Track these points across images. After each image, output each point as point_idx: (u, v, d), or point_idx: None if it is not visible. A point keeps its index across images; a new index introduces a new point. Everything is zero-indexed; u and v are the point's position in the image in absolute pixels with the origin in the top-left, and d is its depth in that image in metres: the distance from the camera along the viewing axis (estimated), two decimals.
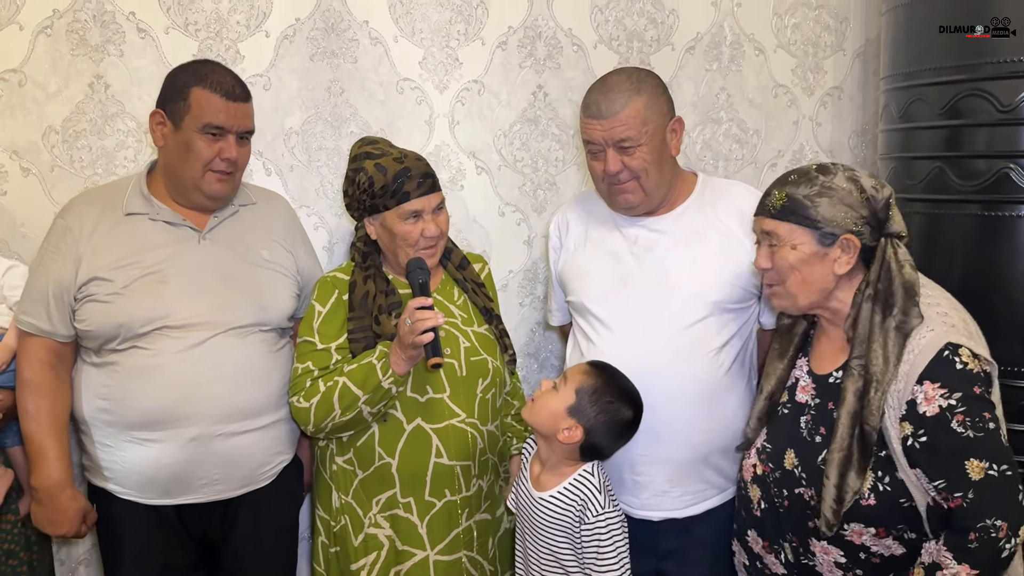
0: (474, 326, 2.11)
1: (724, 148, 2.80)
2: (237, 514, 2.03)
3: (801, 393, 1.72)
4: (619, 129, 1.85)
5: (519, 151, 2.66)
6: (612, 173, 1.89)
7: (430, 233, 2.01)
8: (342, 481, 2.04)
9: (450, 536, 2.01)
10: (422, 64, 2.55)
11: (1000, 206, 2.05)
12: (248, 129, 2.00)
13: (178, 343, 1.90)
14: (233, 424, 1.94)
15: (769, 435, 1.75)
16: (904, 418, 1.52)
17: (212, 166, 1.95)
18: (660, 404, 1.89)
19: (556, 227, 2.16)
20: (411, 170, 2.01)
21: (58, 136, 2.36)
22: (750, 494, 1.77)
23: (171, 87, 1.95)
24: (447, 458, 1.98)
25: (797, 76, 2.81)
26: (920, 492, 1.54)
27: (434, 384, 2.00)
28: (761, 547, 1.76)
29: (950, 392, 1.49)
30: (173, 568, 2.01)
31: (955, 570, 1.47)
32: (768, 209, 1.66)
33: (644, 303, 1.93)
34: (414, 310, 1.83)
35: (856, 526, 1.58)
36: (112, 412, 1.93)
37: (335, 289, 2.07)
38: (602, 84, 1.90)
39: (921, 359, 1.52)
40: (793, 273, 1.63)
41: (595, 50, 2.65)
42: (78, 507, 1.97)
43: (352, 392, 1.90)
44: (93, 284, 1.91)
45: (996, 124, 2.03)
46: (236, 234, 2.06)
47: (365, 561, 2.01)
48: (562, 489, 1.84)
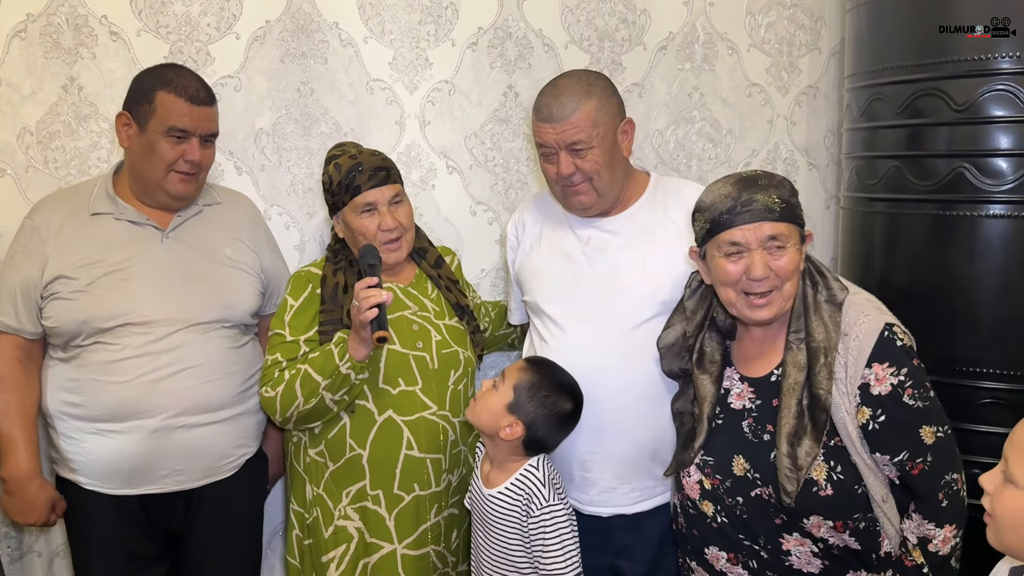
0: (446, 319, 2.15)
1: (697, 147, 2.80)
2: (200, 505, 2.07)
3: (736, 400, 1.72)
4: (570, 132, 1.86)
5: (490, 151, 2.68)
6: (565, 175, 1.90)
7: (386, 225, 2.05)
8: (314, 473, 2.08)
9: (418, 531, 2.04)
10: (392, 65, 2.57)
11: (956, 205, 2.04)
12: (212, 132, 2.05)
13: (141, 339, 1.95)
14: (194, 416, 1.99)
15: (707, 449, 1.74)
16: (861, 403, 1.58)
17: (176, 167, 2.00)
18: (609, 402, 1.90)
19: (513, 227, 2.18)
20: (362, 164, 2.05)
21: (33, 137, 2.40)
22: (703, 510, 1.75)
23: (137, 90, 2.00)
24: (417, 450, 2.01)
25: (771, 75, 2.81)
26: (874, 475, 1.59)
27: (406, 377, 2.03)
28: (725, 561, 1.74)
29: (898, 369, 1.56)
30: (138, 557, 2.06)
31: (941, 535, 1.57)
32: (768, 213, 1.59)
33: (595, 303, 1.95)
34: (361, 290, 1.87)
35: (815, 518, 1.60)
36: (77, 406, 1.98)
37: (308, 283, 2.11)
38: (553, 88, 1.92)
39: (867, 343, 1.58)
40: (795, 274, 1.63)
41: (566, 50, 2.66)
42: (46, 497, 2.04)
43: (313, 379, 1.93)
44: (58, 282, 1.97)
45: (952, 123, 2.03)
46: (200, 233, 2.10)
47: (335, 553, 2.04)
48: (509, 485, 1.86)
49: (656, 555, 1.99)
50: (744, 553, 1.71)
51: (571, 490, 1.98)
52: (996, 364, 2.02)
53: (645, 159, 2.76)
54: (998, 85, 1.97)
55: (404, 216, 2.10)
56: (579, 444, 1.92)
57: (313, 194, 2.57)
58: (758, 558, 1.69)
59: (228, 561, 2.15)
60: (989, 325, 2.02)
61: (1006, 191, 1.99)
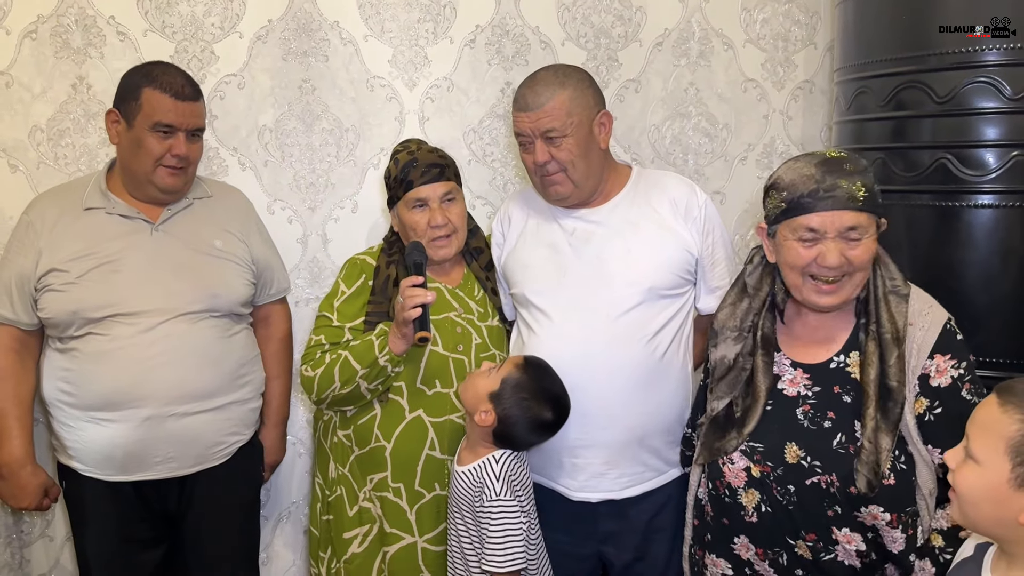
0: (488, 320, 2.18)
1: (693, 142, 2.84)
2: (193, 491, 2.14)
3: (790, 387, 1.70)
4: (544, 120, 1.92)
5: (489, 146, 2.73)
6: (540, 164, 1.95)
7: (436, 222, 2.08)
8: (340, 453, 2.13)
9: (438, 528, 2.08)
10: (392, 62, 2.63)
11: (940, 196, 2.06)
12: (198, 127, 2.11)
13: (131, 329, 2.01)
14: (185, 405, 2.04)
15: (754, 436, 1.70)
16: (919, 394, 1.58)
17: (163, 162, 2.05)
18: (596, 389, 1.94)
19: (498, 223, 2.22)
20: (417, 160, 2.10)
21: (43, 134, 2.49)
22: (742, 500, 1.71)
23: (124, 87, 2.07)
24: (439, 452, 2.05)
25: (767, 70, 2.84)
26: (927, 469, 1.59)
27: (443, 379, 2.07)
28: (754, 554, 1.72)
29: (958, 362, 1.58)
30: (134, 541, 2.12)
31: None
32: (851, 202, 1.55)
33: (581, 292, 1.99)
34: (406, 288, 1.92)
35: (875, 508, 1.58)
36: (71, 394, 2.05)
37: (362, 273, 2.16)
38: (531, 79, 1.98)
39: (931, 333, 1.59)
40: (868, 263, 1.60)
41: (563, 47, 2.71)
42: (38, 483, 2.12)
43: (351, 366, 1.99)
44: (51, 275, 2.04)
45: (935, 115, 2.05)
46: (189, 225, 2.16)
47: (359, 531, 2.09)
48: (471, 468, 1.90)
49: (641, 542, 2.02)
50: (776, 549, 1.68)
51: (560, 477, 2.02)
52: (979, 352, 2.03)
53: (642, 154, 2.80)
54: (980, 77, 1.99)
55: (455, 215, 2.12)
56: (568, 431, 1.95)
57: (315, 189, 2.64)
58: (791, 554, 1.66)
59: (223, 546, 2.22)
60: (972, 314, 2.03)
61: (988, 181, 2.01)
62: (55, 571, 2.66)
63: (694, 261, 2.02)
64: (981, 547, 1.38)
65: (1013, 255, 2.02)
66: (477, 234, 2.28)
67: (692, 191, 2.06)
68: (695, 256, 2.02)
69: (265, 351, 2.29)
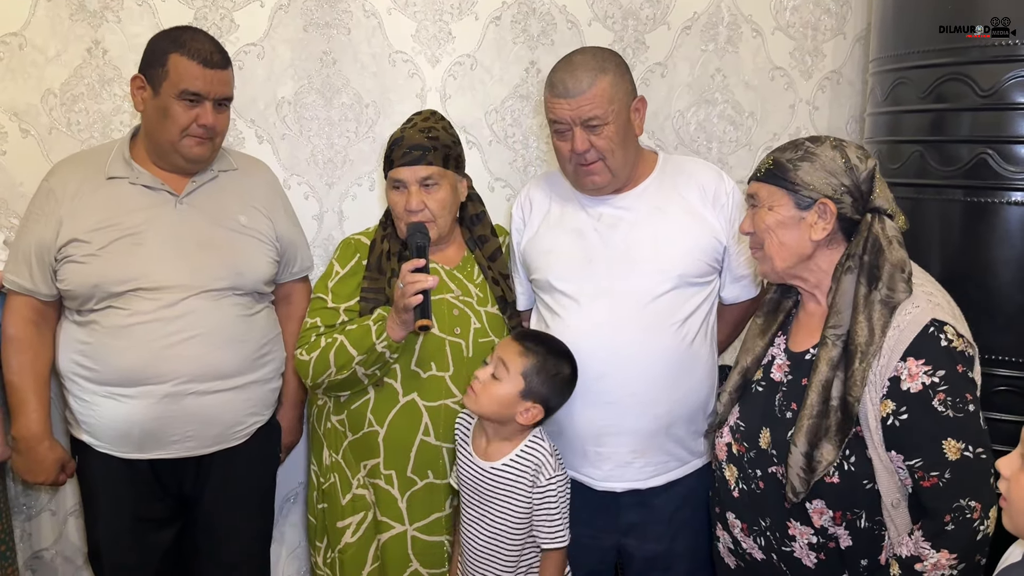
0: (487, 306, 2.12)
1: (718, 130, 2.79)
2: (210, 471, 2.09)
3: (776, 371, 1.72)
4: (586, 108, 1.86)
5: (511, 127, 2.67)
6: (579, 152, 1.90)
7: (410, 206, 2.01)
8: (333, 440, 2.09)
9: (430, 518, 2.04)
10: (415, 37, 2.57)
11: (978, 191, 2.03)
12: (226, 96, 2.03)
13: (152, 304, 1.96)
14: (205, 383, 1.99)
15: (743, 413, 1.74)
16: (886, 396, 1.52)
17: (189, 131, 1.99)
18: (627, 376, 1.91)
19: (519, 207, 2.16)
20: (404, 139, 2.04)
21: (56, 99, 2.42)
22: (726, 474, 1.76)
23: (151, 53, 2.00)
24: (434, 437, 2.01)
25: (795, 59, 2.79)
26: (888, 476, 1.53)
27: (439, 362, 2.02)
28: (740, 530, 1.74)
29: (934, 369, 1.48)
30: (147, 520, 2.08)
31: (935, 559, 1.47)
32: (755, 173, 1.69)
33: (610, 279, 1.95)
34: (407, 272, 1.86)
35: (818, 503, 1.58)
36: (88, 368, 1.99)
37: (356, 252, 2.12)
38: (567, 63, 1.91)
39: (906, 335, 1.51)
40: (769, 235, 1.64)
41: (589, 27, 2.65)
42: (55, 458, 2.06)
43: (348, 351, 1.94)
44: (72, 245, 1.97)
45: (977, 109, 2.01)
46: (214, 199, 2.10)
47: (352, 520, 2.06)
48: (515, 456, 1.87)
49: (665, 534, 2.00)
50: (756, 528, 1.70)
51: (583, 466, 1.98)
52: (1012, 351, 2.01)
53: (666, 140, 2.76)
54: (1021, 73, 1.95)
55: (434, 201, 2.03)
56: (596, 419, 1.92)
57: (333, 165, 2.58)
58: (765, 536, 1.69)
59: (237, 527, 2.17)
60: (1006, 312, 2.01)
61: None
62: (59, 544, 2.62)
63: (722, 249, 1.98)
64: None
65: None
66: (483, 220, 2.21)
67: (720, 177, 2.02)
68: (723, 244, 1.99)
69: (286, 330, 2.23)
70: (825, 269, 1.64)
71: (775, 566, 1.69)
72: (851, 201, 1.59)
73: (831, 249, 1.63)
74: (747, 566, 1.76)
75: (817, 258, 1.63)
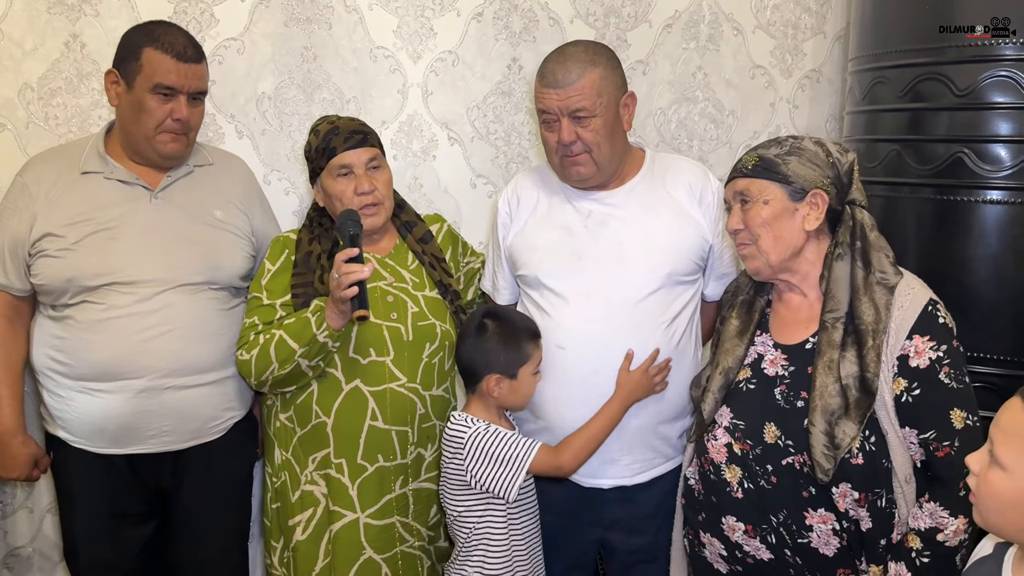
0: (425, 291, 2.12)
1: (699, 128, 2.80)
2: (187, 466, 2.08)
3: (770, 367, 1.72)
4: (575, 99, 1.86)
5: (492, 123, 2.67)
6: (566, 143, 1.90)
7: (362, 188, 2.03)
8: (283, 438, 2.09)
9: (381, 502, 2.04)
10: (396, 33, 2.56)
11: (954, 190, 2.04)
12: (200, 90, 2.03)
13: (127, 298, 1.95)
14: (181, 378, 1.98)
15: (737, 413, 1.73)
16: (897, 374, 1.58)
17: (164, 126, 1.98)
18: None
19: (505, 202, 2.15)
20: (340, 128, 2.05)
21: (34, 93, 2.40)
22: (726, 476, 1.72)
23: (124, 47, 1.99)
24: (382, 422, 2.01)
25: (775, 57, 2.80)
26: (902, 451, 1.59)
27: (377, 347, 2.02)
28: (742, 533, 1.71)
29: (938, 345, 1.57)
30: (124, 516, 2.07)
31: (954, 525, 1.54)
32: (741, 170, 1.71)
33: (599, 276, 1.95)
34: (341, 263, 1.85)
35: (844, 486, 1.59)
36: (64, 363, 1.98)
37: (285, 248, 2.12)
38: (559, 54, 1.92)
39: (910, 314, 1.59)
40: (765, 229, 1.66)
41: (571, 24, 2.65)
42: (29, 453, 2.05)
43: (288, 345, 1.93)
44: (46, 240, 1.96)
45: (953, 108, 2.03)
46: (189, 194, 2.09)
47: (301, 517, 2.06)
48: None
49: (651, 525, 2.01)
50: (764, 526, 1.68)
51: None
52: (988, 349, 2.03)
53: (647, 137, 2.76)
54: (1000, 71, 1.97)
55: (381, 182, 2.07)
56: (585, 417, 1.92)
57: None
58: (776, 533, 1.67)
59: (215, 522, 2.16)
60: (981, 310, 2.02)
61: (1004, 177, 1.99)
62: (36, 541, 2.60)
63: (708, 247, 2.00)
64: (1001, 546, 1.36)
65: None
66: (406, 208, 2.24)
67: (706, 176, 2.04)
68: (709, 242, 2.00)
69: None
70: (813, 260, 1.70)
71: (786, 562, 1.68)
72: (835, 192, 1.66)
73: (818, 240, 1.69)
74: (747, 570, 1.74)
75: (806, 250, 1.70)
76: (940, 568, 1.56)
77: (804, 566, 1.67)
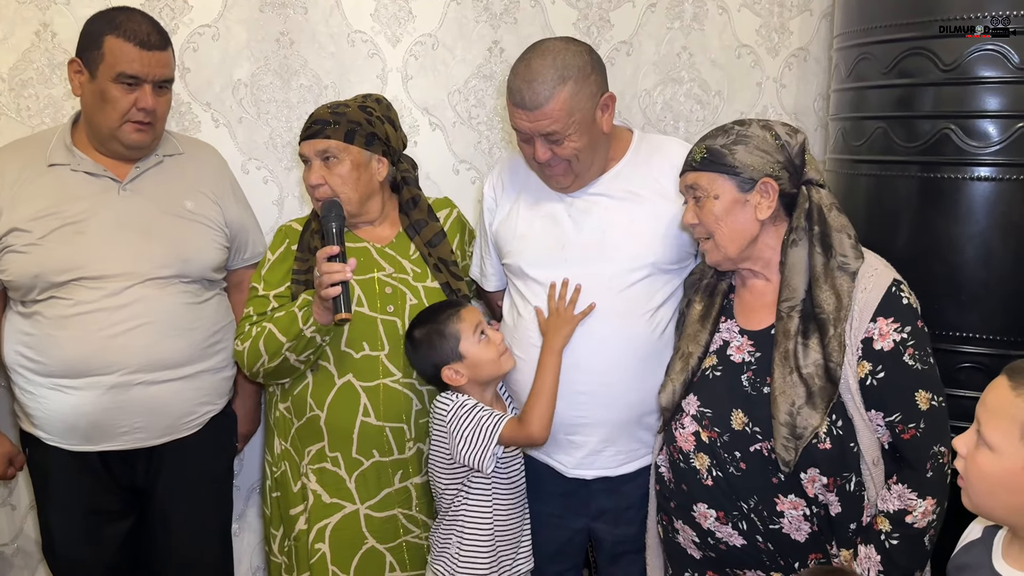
0: (426, 281, 2.08)
1: (685, 109, 2.76)
2: (161, 462, 2.05)
3: (736, 353, 1.71)
4: (544, 123, 1.79)
5: (474, 108, 2.63)
6: (541, 161, 1.86)
7: (309, 180, 1.99)
8: (282, 428, 2.07)
9: (381, 494, 2.02)
10: (374, 16, 2.52)
11: (941, 167, 2.00)
12: (166, 78, 1.98)
13: (96, 293, 1.91)
14: (152, 373, 1.95)
15: (704, 400, 1.72)
16: (862, 358, 1.57)
17: (129, 116, 1.93)
18: (601, 365, 1.89)
19: (491, 188, 2.11)
20: (312, 116, 2.02)
21: (5, 84, 2.36)
22: (695, 464, 1.71)
23: (87, 35, 1.94)
24: (375, 418, 1.97)
25: (761, 36, 2.76)
26: (869, 434, 1.58)
27: (371, 341, 1.98)
28: (714, 520, 1.70)
29: (902, 326, 1.57)
30: (100, 513, 2.04)
31: (922, 507, 1.55)
32: (690, 163, 1.70)
33: (583, 265, 1.91)
34: (322, 262, 1.81)
35: (812, 471, 1.59)
36: (33, 360, 1.95)
37: (286, 238, 2.09)
38: (527, 70, 1.81)
39: (873, 296, 1.58)
40: (719, 224, 1.66)
41: (553, 5, 2.61)
42: (3, 452, 2.04)
43: (277, 339, 1.91)
44: (12, 235, 1.93)
45: (939, 84, 1.99)
46: (159, 185, 2.05)
47: (303, 507, 2.04)
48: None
49: (634, 517, 1.99)
50: (735, 513, 1.68)
51: (556, 453, 1.98)
52: (975, 328, 1.99)
53: (632, 119, 2.72)
54: (986, 45, 1.92)
55: (334, 176, 1.97)
56: (569, 408, 1.89)
57: (292, 148, 2.53)
58: (747, 520, 1.66)
59: (193, 518, 2.13)
60: (969, 289, 1.99)
61: (991, 153, 1.95)
62: (18, 540, 2.57)
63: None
64: (990, 529, 1.34)
65: (1013, 230, 1.96)
66: (419, 204, 2.14)
67: None
68: None
69: (240, 317, 2.18)
70: (773, 246, 1.69)
71: (759, 548, 1.67)
72: (788, 176, 1.65)
73: (776, 226, 1.68)
74: (720, 556, 1.73)
75: (764, 237, 1.68)
76: (909, 550, 1.56)
77: (776, 552, 1.66)
